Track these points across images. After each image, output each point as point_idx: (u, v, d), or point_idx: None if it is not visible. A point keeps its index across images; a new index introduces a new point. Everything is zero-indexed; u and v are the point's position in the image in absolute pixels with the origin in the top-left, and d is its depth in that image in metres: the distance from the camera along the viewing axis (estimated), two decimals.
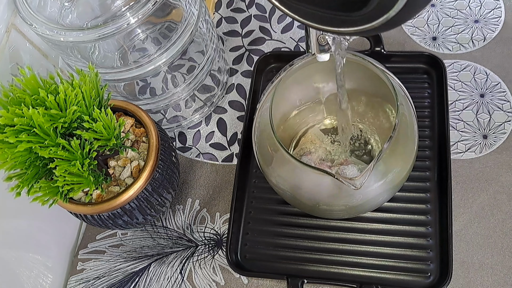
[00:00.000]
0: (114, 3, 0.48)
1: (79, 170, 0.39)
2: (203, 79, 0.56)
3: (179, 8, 0.50)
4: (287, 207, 0.52)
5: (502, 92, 0.56)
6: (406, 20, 0.23)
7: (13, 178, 0.39)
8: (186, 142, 0.60)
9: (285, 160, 0.41)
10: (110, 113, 0.41)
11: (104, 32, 0.42)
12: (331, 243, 0.50)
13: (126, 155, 0.46)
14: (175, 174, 0.49)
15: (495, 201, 0.50)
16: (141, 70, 0.48)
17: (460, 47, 0.60)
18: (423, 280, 0.47)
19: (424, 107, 0.55)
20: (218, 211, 0.55)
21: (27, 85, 0.39)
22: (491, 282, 0.47)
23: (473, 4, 0.62)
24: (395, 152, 0.41)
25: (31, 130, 0.37)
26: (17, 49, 0.49)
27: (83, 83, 0.41)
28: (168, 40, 0.49)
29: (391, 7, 0.22)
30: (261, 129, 0.45)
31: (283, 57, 0.61)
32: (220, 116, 0.61)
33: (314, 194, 0.43)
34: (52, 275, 0.53)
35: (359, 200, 0.42)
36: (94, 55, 0.51)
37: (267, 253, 0.51)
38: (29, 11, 0.43)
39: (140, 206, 0.45)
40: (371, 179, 0.39)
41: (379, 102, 0.49)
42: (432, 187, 0.51)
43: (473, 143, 0.53)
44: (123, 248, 0.55)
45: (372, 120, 0.51)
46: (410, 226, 0.49)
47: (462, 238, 0.49)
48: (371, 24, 0.23)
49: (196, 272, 0.52)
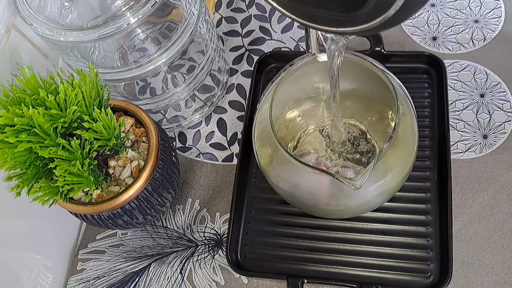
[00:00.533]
0: (114, 3, 0.48)
1: (79, 170, 0.39)
2: (203, 79, 0.56)
3: (179, 8, 0.50)
4: (287, 207, 0.52)
5: (502, 92, 0.56)
6: (405, 19, 0.23)
7: (13, 178, 0.39)
8: (186, 142, 0.60)
9: (285, 160, 0.41)
10: (110, 113, 0.41)
11: (104, 32, 0.42)
12: (331, 243, 0.50)
13: (126, 155, 0.46)
14: (175, 174, 0.49)
15: (495, 201, 0.50)
16: (141, 70, 0.48)
17: (460, 47, 0.60)
18: (423, 280, 0.47)
19: (424, 107, 0.55)
20: (218, 211, 0.55)
21: (27, 85, 0.40)
22: (491, 282, 0.46)
23: (473, 4, 0.62)
24: (395, 152, 0.41)
25: (31, 130, 0.37)
26: (17, 49, 0.49)
27: (83, 83, 0.41)
28: (168, 40, 0.49)
29: (390, 7, 0.22)
30: (261, 129, 0.45)
31: (283, 57, 0.61)
32: (220, 116, 0.61)
33: (314, 194, 0.43)
34: (52, 275, 0.53)
35: (359, 200, 0.42)
36: (94, 55, 0.51)
37: (267, 253, 0.51)
38: (29, 11, 0.43)
39: (140, 206, 0.45)
40: (371, 179, 0.39)
41: (379, 102, 0.48)
42: (432, 187, 0.51)
43: (473, 143, 0.53)
44: (123, 248, 0.55)
45: (372, 120, 0.51)
46: (410, 226, 0.49)
47: (462, 238, 0.49)
48: (369, 24, 0.23)
49: (196, 272, 0.52)
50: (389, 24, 0.23)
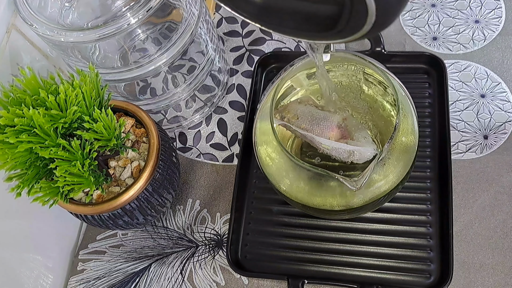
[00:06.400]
0: (115, 4, 0.48)
1: (80, 170, 0.39)
2: (204, 79, 0.56)
3: (179, 8, 0.50)
4: (287, 207, 0.52)
5: (503, 92, 0.56)
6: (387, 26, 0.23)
7: (13, 178, 0.39)
8: (186, 143, 0.60)
9: (285, 160, 0.41)
10: (111, 113, 0.41)
11: (105, 32, 0.42)
12: (332, 244, 0.50)
13: (127, 156, 0.46)
14: (175, 175, 0.49)
15: (495, 201, 0.50)
16: (141, 70, 0.48)
17: (460, 47, 0.60)
18: (424, 281, 0.47)
19: (424, 107, 0.55)
20: (219, 211, 0.55)
21: (27, 85, 0.40)
22: (492, 282, 0.46)
23: (474, 4, 0.62)
24: (396, 152, 0.41)
25: (32, 131, 0.37)
26: (18, 49, 0.49)
27: (84, 84, 0.41)
28: (168, 40, 0.49)
29: (362, 27, 0.22)
30: (261, 129, 0.45)
31: (284, 57, 0.61)
32: (220, 117, 0.61)
33: (314, 194, 0.43)
34: (52, 275, 0.53)
35: (359, 200, 0.42)
36: (94, 56, 0.51)
37: (267, 254, 0.51)
38: (30, 11, 0.43)
39: (140, 206, 0.45)
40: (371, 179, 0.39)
41: (379, 102, 0.48)
42: (433, 187, 0.51)
43: (474, 143, 0.53)
44: (124, 248, 0.55)
45: (372, 120, 0.51)
46: (410, 226, 0.49)
47: (462, 238, 0.49)
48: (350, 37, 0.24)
49: (197, 272, 0.52)
50: (371, 34, 0.23)
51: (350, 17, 0.22)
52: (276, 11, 0.26)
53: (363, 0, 0.20)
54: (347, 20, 0.22)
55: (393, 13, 0.22)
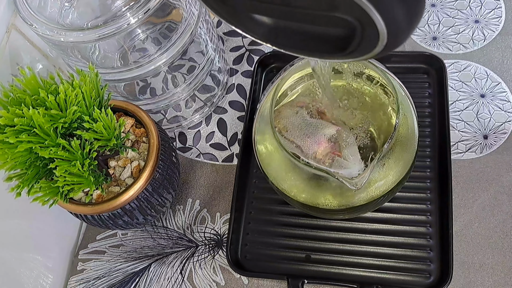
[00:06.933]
0: (114, 4, 0.48)
1: (79, 170, 0.39)
2: (203, 79, 0.56)
3: (179, 8, 0.50)
4: (287, 207, 0.52)
5: (503, 92, 0.56)
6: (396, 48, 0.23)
7: (13, 178, 0.39)
8: (186, 142, 0.60)
9: (285, 160, 0.41)
10: (110, 113, 0.41)
11: (104, 32, 0.42)
12: (332, 243, 0.50)
13: (126, 155, 0.46)
14: (175, 174, 0.49)
15: (495, 201, 0.50)
16: (141, 70, 0.48)
17: (460, 47, 0.60)
18: (424, 280, 0.47)
19: (424, 107, 0.55)
20: (219, 211, 0.55)
21: (27, 85, 0.40)
22: (491, 282, 0.46)
23: (474, 4, 0.62)
24: (396, 152, 0.41)
25: (31, 131, 0.37)
26: (17, 49, 0.49)
27: (83, 83, 0.41)
28: (168, 40, 0.49)
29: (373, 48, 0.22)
30: (261, 129, 0.45)
31: (284, 57, 0.61)
32: (220, 116, 0.61)
33: (314, 194, 0.43)
34: (52, 275, 0.53)
35: (359, 200, 0.42)
36: (94, 55, 0.51)
37: (267, 253, 0.51)
38: (29, 11, 0.43)
39: (140, 206, 0.45)
40: (371, 179, 0.39)
41: (379, 102, 0.48)
42: (433, 187, 0.51)
43: (474, 143, 0.53)
44: (123, 248, 0.55)
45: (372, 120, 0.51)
46: (410, 226, 0.49)
47: (462, 238, 0.49)
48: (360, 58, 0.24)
49: (197, 272, 0.52)
50: (382, 54, 0.23)
51: (361, 40, 0.22)
52: (287, 32, 0.26)
53: (374, 25, 0.20)
54: (359, 42, 0.22)
55: (404, 35, 0.22)
